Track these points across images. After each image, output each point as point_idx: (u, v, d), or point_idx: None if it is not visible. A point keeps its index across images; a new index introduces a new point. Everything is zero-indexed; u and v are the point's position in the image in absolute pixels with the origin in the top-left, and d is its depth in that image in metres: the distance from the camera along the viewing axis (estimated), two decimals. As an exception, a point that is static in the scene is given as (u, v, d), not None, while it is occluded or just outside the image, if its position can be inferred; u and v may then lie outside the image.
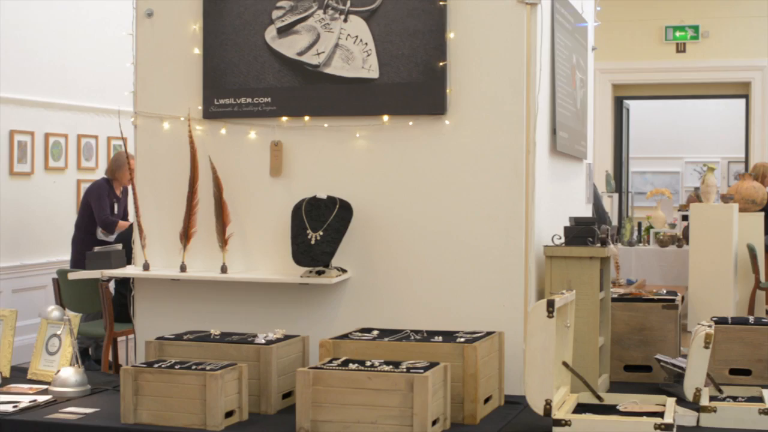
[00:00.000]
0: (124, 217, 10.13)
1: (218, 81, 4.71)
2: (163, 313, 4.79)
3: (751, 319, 4.74)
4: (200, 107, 4.74)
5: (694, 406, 3.76)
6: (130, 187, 5.16)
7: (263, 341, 4.09)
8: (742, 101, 16.58)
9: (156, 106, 4.81)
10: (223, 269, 4.63)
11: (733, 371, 4.51)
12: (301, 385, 3.54)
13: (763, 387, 4.05)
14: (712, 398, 3.85)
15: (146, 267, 4.74)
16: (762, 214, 12.14)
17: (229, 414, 3.75)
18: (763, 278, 12.19)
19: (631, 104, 17.49)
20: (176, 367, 3.80)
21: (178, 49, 4.79)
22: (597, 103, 14.58)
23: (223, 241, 4.65)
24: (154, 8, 4.82)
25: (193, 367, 3.79)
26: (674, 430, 3.40)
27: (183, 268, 4.68)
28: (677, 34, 16.02)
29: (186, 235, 4.69)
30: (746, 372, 4.51)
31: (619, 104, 16.94)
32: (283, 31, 4.62)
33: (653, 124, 19.65)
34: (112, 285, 8.13)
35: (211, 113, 4.73)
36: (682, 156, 20.09)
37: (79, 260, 9.11)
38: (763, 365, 4.49)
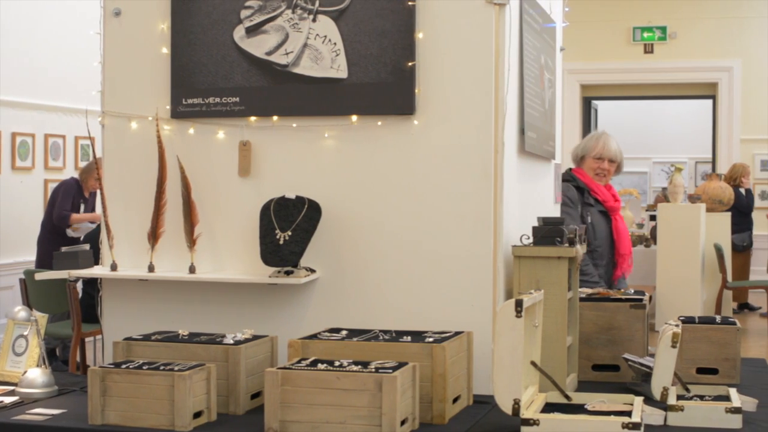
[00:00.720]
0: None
1: (186, 81, 4.70)
2: (130, 314, 4.77)
3: (718, 318, 4.77)
4: (168, 107, 4.73)
5: (662, 405, 3.78)
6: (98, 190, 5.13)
7: (232, 341, 4.08)
8: (709, 102, 16.70)
9: (124, 105, 4.79)
10: (192, 269, 4.62)
11: (700, 370, 4.54)
12: (270, 386, 3.54)
13: (729, 386, 4.07)
14: (679, 397, 3.87)
15: (114, 267, 4.72)
16: (729, 214, 12.25)
17: (197, 414, 3.74)
18: (730, 278, 12.28)
19: (599, 105, 17.59)
20: (144, 367, 3.79)
21: (146, 48, 4.78)
22: (565, 104, 14.65)
23: (192, 241, 4.64)
24: (121, 7, 4.80)
25: (161, 367, 3.78)
26: (642, 429, 3.41)
27: (151, 269, 4.66)
28: (645, 35, 16.13)
29: (154, 235, 4.68)
30: (713, 371, 4.54)
31: (587, 104, 17.03)
32: (252, 31, 4.62)
33: (621, 124, 19.77)
34: (79, 285, 8.12)
35: (179, 113, 4.71)
36: (649, 156, 20.23)
37: (44, 260, 9.09)
38: (730, 364, 4.53)
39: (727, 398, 3.86)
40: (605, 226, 5.87)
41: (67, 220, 9.73)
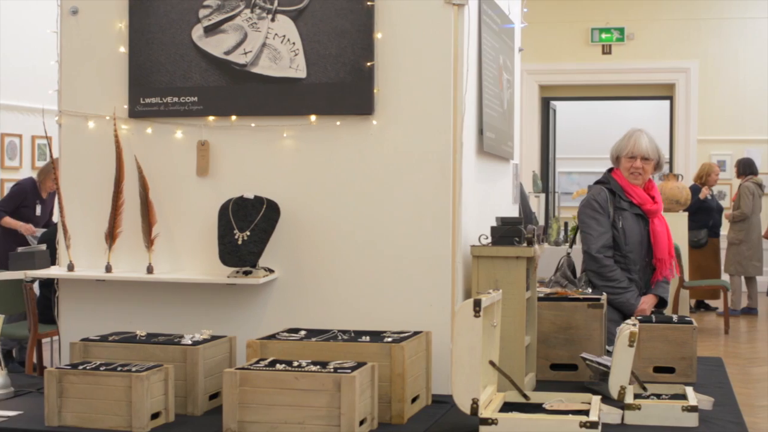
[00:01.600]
0: (50, 219, 10.05)
1: (144, 80, 4.67)
2: (88, 315, 4.73)
3: (675, 317, 4.81)
4: (126, 106, 4.70)
5: (619, 403, 3.80)
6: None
7: (190, 342, 4.07)
8: (667, 103, 16.80)
9: (81, 104, 4.76)
10: (149, 270, 4.60)
11: (657, 369, 4.57)
12: (228, 386, 3.53)
13: (686, 384, 4.11)
14: (636, 396, 3.89)
15: (71, 267, 4.69)
16: (686, 214, 12.33)
17: (155, 415, 3.73)
18: (687, 277, 12.37)
19: (557, 105, 17.65)
20: (101, 368, 3.77)
21: (104, 47, 4.75)
22: (524, 104, 14.70)
23: (149, 242, 4.62)
24: (78, 6, 4.76)
25: (119, 368, 3.76)
26: (599, 427, 3.43)
27: (108, 269, 4.64)
28: (603, 35, 16.20)
29: (111, 236, 4.65)
30: (670, 370, 4.57)
31: (545, 105, 17.10)
32: (210, 30, 4.60)
33: (579, 125, 19.87)
34: (36, 286, 8.05)
35: (137, 112, 4.69)
36: (607, 156, 20.30)
37: (0, 260, 9.01)
38: (687, 363, 4.56)
39: (683, 397, 3.88)
40: (640, 230, 5.56)
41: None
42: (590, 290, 5.36)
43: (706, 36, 15.83)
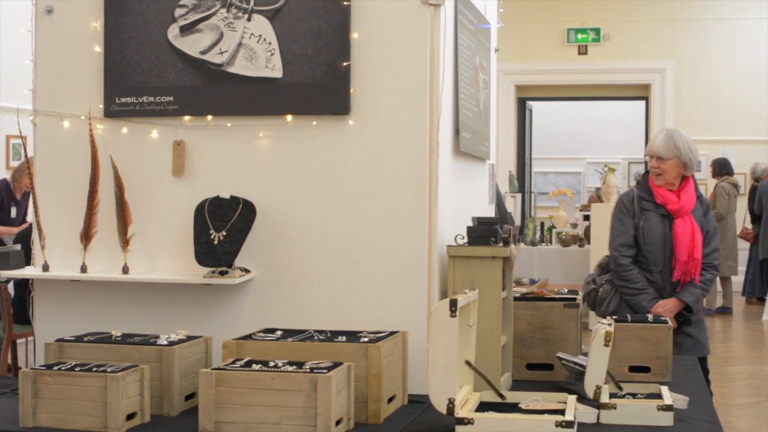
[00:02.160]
0: (23, 220, 10.02)
1: (120, 79, 4.66)
2: (63, 315, 4.72)
3: (650, 317, 4.82)
4: (101, 106, 4.68)
5: (595, 403, 3.81)
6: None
7: (165, 342, 4.05)
8: (642, 103, 16.87)
9: (56, 104, 4.74)
10: (125, 270, 4.59)
11: (633, 368, 4.59)
12: (204, 387, 3.52)
13: (661, 384, 4.12)
14: (612, 395, 3.90)
15: (46, 268, 4.67)
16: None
17: (130, 416, 3.71)
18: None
19: (533, 105, 17.69)
20: (76, 369, 3.75)
21: (79, 46, 4.73)
22: (500, 104, 14.73)
23: (125, 242, 4.60)
24: (53, 5, 4.75)
25: (94, 369, 3.74)
26: (575, 427, 3.44)
27: (83, 269, 4.62)
28: (579, 36, 16.26)
29: (87, 236, 4.64)
30: (645, 369, 4.58)
31: (522, 105, 17.13)
32: (186, 30, 4.59)
33: (556, 125, 19.93)
34: (11, 286, 8.01)
35: (112, 112, 4.67)
36: (583, 157, 20.39)
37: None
38: (662, 362, 4.58)
39: (658, 396, 3.90)
40: (663, 230, 5.52)
41: None
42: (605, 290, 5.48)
43: (681, 37, 15.91)
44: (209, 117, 4.58)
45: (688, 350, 5.56)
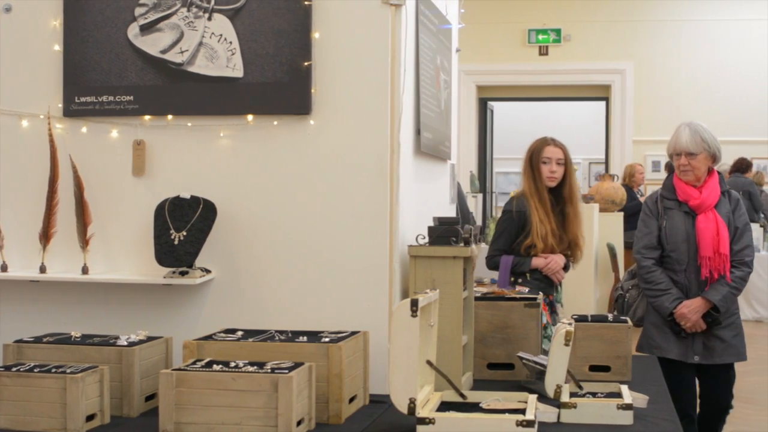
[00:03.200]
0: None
1: (79, 78, 4.63)
2: (21, 316, 4.68)
3: (610, 316, 4.85)
4: (60, 105, 4.66)
5: (555, 402, 3.82)
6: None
7: (125, 343, 4.03)
8: (603, 104, 16.94)
9: (15, 103, 4.70)
10: (84, 270, 4.56)
11: (593, 368, 4.61)
12: (164, 387, 3.50)
13: (621, 383, 4.14)
14: (572, 394, 3.92)
15: (4, 268, 4.64)
16: (621, 214, 12.43)
17: (90, 417, 3.69)
18: (622, 277, 12.49)
19: (495, 105, 17.73)
20: (35, 370, 3.72)
21: (38, 45, 4.70)
22: (461, 105, 14.75)
23: (84, 242, 4.58)
24: (12, 4, 4.71)
25: (53, 370, 3.72)
26: (535, 426, 3.45)
27: (42, 269, 4.59)
28: (540, 37, 16.31)
29: (46, 236, 4.61)
30: (605, 368, 4.61)
31: (483, 105, 17.16)
32: (146, 29, 4.57)
33: (516, 125, 19.96)
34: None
35: (71, 111, 4.64)
36: (544, 157, 20.43)
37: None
38: (622, 362, 4.60)
39: (618, 395, 3.92)
40: (686, 228, 5.43)
41: None
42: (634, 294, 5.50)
43: (641, 38, 16.00)
44: (169, 116, 4.56)
45: (719, 355, 5.47)
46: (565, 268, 5.90)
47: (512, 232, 5.84)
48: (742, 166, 14.58)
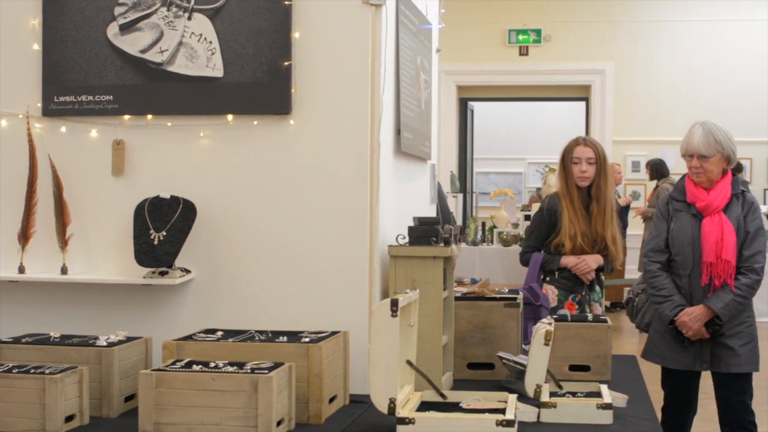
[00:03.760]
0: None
1: (58, 78, 4.61)
2: (0, 316, 4.66)
3: (590, 316, 4.86)
4: (39, 104, 4.64)
5: (535, 402, 3.83)
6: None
7: (105, 343, 4.02)
8: (583, 104, 16.97)
9: (-7, 103, 4.69)
10: (64, 270, 4.55)
11: (573, 367, 4.62)
12: (144, 388, 3.50)
13: (601, 382, 4.15)
14: (552, 394, 3.93)
15: (-17, 268, 4.62)
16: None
17: (69, 418, 3.67)
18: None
19: (475, 106, 17.74)
20: (14, 371, 3.71)
21: (17, 44, 4.68)
22: (441, 105, 14.75)
23: (63, 242, 4.56)
24: (-9, 3, 4.70)
25: (32, 370, 3.70)
26: (515, 426, 3.46)
27: (21, 270, 4.57)
28: (520, 37, 16.32)
29: (24, 236, 4.59)
30: (585, 368, 4.62)
31: (463, 105, 17.17)
32: (126, 28, 4.55)
33: (496, 125, 19.99)
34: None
35: (50, 111, 4.63)
36: (524, 157, 20.48)
37: None
38: (601, 361, 4.61)
39: (598, 395, 3.93)
40: (691, 231, 5.16)
41: None
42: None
43: (621, 38, 16.02)
44: (149, 116, 4.55)
45: (726, 364, 5.15)
46: (603, 269, 5.85)
47: (543, 230, 5.87)
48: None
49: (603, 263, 5.82)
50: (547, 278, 5.79)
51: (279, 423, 3.52)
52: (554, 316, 4.68)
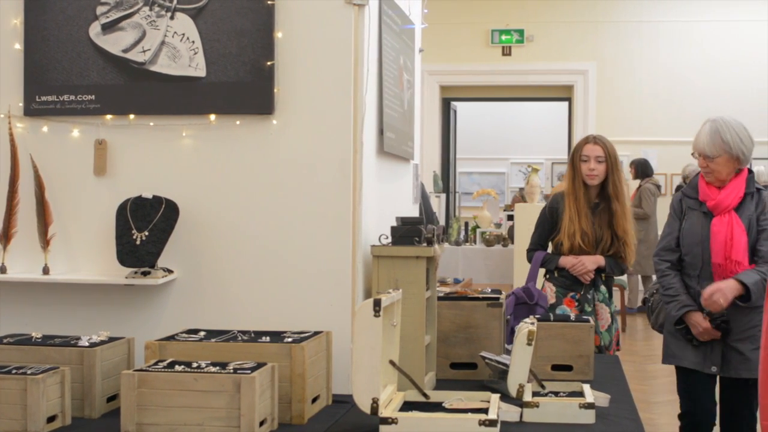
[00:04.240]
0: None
1: (40, 77, 4.60)
2: (-19, 316, 4.65)
3: (572, 316, 4.87)
4: (21, 104, 4.62)
5: (518, 401, 3.83)
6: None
7: (87, 344, 4.01)
8: (565, 104, 17.01)
9: (-26, 102, 4.67)
10: (45, 270, 4.53)
11: (555, 367, 4.63)
12: (126, 388, 3.49)
13: (583, 382, 4.16)
14: (534, 394, 3.93)
15: (-36, 269, 4.60)
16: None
17: (51, 419, 3.66)
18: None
19: (458, 106, 17.75)
20: (-5, 371, 3.70)
21: (-2, 44, 4.67)
22: (424, 105, 14.75)
23: (45, 242, 4.55)
24: (-28, 2, 4.68)
25: (14, 371, 3.69)
26: (498, 425, 3.46)
27: (3, 270, 4.56)
28: (503, 37, 16.34)
29: (6, 236, 4.57)
30: (568, 368, 4.63)
31: (446, 106, 17.19)
32: (108, 28, 4.54)
33: (480, 125, 20.02)
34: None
35: (32, 110, 4.61)
36: (507, 157, 20.52)
37: None
38: (584, 361, 4.62)
39: (580, 394, 3.93)
40: (701, 231, 5.03)
41: None
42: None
43: (603, 38, 16.06)
44: (131, 116, 4.54)
45: (735, 368, 5.04)
46: (604, 270, 5.82)
47: (546, 228, 5.95)
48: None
49: (603, 264, 5.80)
50: (547, 276, 5.84)
51: (262, 423, 3.51)
52: (536, 316, 4.68)
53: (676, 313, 5.06)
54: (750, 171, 5.11)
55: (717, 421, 5.26)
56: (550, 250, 6.02)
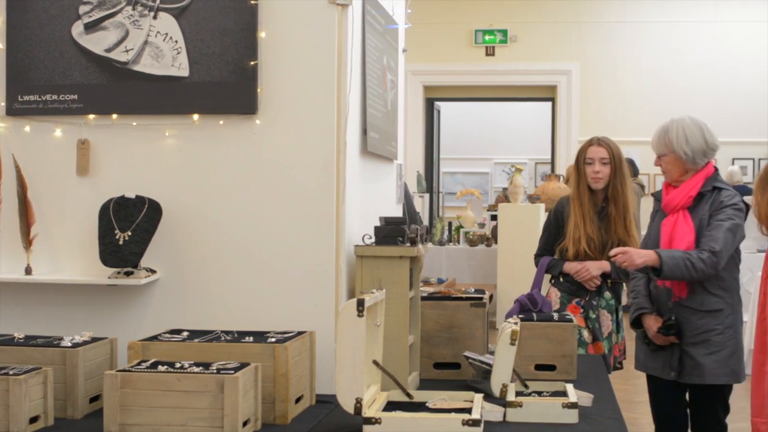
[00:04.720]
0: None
1: (22, 77, 4.58)
2: (-36, 317, 4.64)
3: (556, 316, 4.87)
4: (3, 104, 4.61)
5: (501, 401, 3.84)
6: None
7: (69, 344, 4.00)
8: (549, 104, 17.03)
9: (-44, 102, 4.66)
10: (28, 270, 4.52)
11: (539, 367, 4.63)
12: (109, 389, 3.48)
13: (567, 381, 4.17)
14: (518, 393, 3.94)
15: (-54, 269, 4.59)
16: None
17: (33, 419, 3.65)
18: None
19: (441, 106, 17.76)
20: (-23, 372, 3.69)
21: (-20, 43, 4.65)
22: (408, 105, 14.77)
23: (28, 242, 4.53)
24: (-46, 1, 4.66)
25: (-4, 371, 3.68)
26: (481, 425, 3.46)
27: (-15, 270, 4.55)
28: (486, 37, 16.36)
29: (-12, 236, 4.56)
30: (551, 367, 4.63)
31: (430, 106, 17.19)
32: (91, 27, 4.53)
33: (463, 125, 20.04)
34: None
35: (14, 110, 4.60)
36: (491, 157, 20.54)
37: None
38: (567, 360, 4.63)
39: (564, 394, 3.94)
40: (656, 231, 5.03)
41: None
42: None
43: (587, 39, 16.10)
44: (114, 116, 4.53)
45: (688, 374, 4.94)
46: (608, 275, 5.75)
47: (551, 232, 5.90)
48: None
49: (609, 270, 5.73)
50: (552, 281, 5.82)
51: (245, 423, 3.51)
52: (520, 316, 4.68)
53: (632, 315, 5.07)
54: (715, 169, 5.02)
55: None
56: (556, 255, 5.93)
